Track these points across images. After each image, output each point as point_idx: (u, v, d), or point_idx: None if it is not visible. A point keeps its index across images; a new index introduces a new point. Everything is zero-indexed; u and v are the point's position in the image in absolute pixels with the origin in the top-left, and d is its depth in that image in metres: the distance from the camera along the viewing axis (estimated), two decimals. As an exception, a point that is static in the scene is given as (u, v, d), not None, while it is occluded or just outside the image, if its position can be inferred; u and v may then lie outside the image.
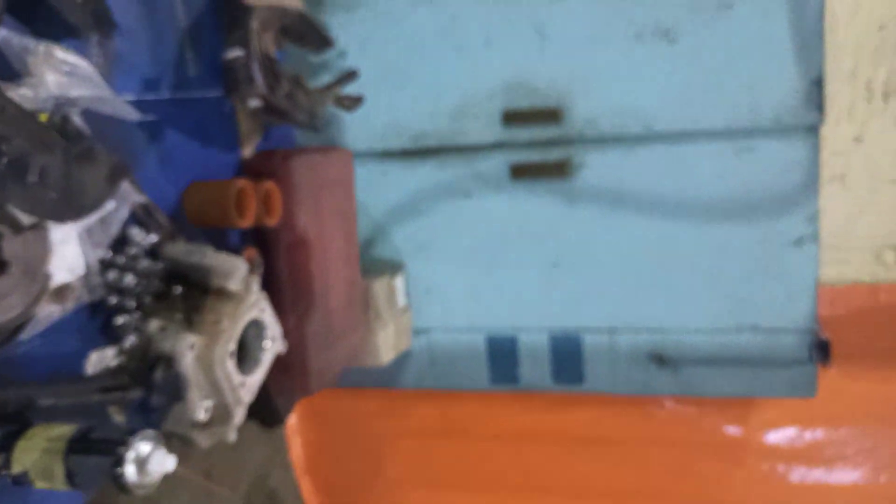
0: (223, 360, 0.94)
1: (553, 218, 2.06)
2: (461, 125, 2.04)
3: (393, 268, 2.14)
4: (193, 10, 1.15)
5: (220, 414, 0.98)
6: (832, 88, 2.50)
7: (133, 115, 0.90)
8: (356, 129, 2.09)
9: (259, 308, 1.05)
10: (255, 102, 1.04)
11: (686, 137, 1.94)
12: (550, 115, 1.97)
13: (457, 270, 2.15)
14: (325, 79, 1.78)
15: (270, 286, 1.21)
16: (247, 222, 1.11)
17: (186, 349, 0.92)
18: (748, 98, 1.88)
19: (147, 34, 1.03)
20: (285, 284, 1.28)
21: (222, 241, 1.20)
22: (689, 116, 1.91)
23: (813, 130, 1.87)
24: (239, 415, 1.01)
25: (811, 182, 1.91)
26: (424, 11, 2.01)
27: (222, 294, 1.00)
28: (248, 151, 1.30)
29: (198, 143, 1.15)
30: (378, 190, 2.14)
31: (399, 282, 2.12)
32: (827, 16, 2.40)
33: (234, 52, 1.03)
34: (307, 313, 1.31)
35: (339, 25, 2.04)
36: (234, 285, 0.99)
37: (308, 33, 1.38)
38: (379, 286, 1.99)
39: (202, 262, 0.98)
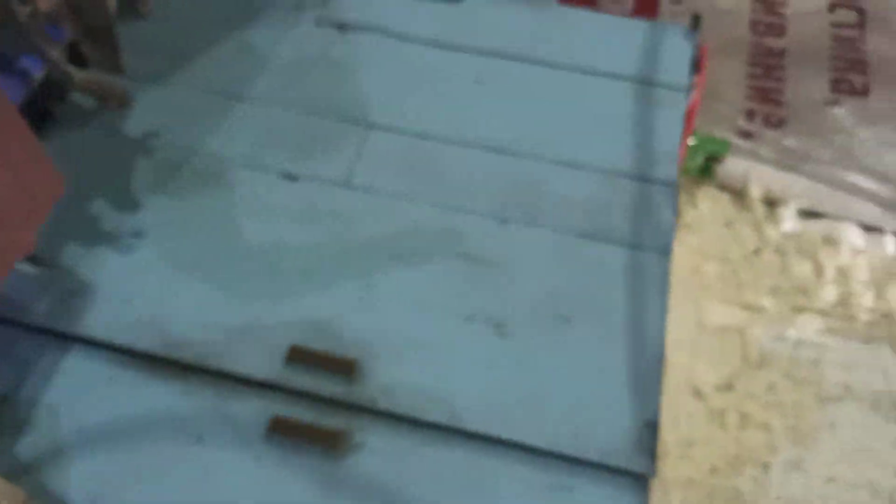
0: None
1: None
2: (236, 347, 1.61)
3: None
4: None
5: None
6: (661, 524, 2.19)
7: None
8: (102, 308, 1.63)
9: None
10: None
11: (495, 448, 1.53)
12: (344, 367, 1.58)
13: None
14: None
15: None
16: None
17: None
18: (573, 424, 1.56)
19: None
20: None
21: None
22: (503, 422, 1.55)
23: (642, 482, 1.51)
24: None
25: (636, 553, 1.45)
26: (254, 225, 1.79)
27: None
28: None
29: None
30: (87, 398, 1.56)
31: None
32: (658, 445, 2.25)
33: None
34: None
35: (150, 205, 1.79)
36: None
37: (103, 41, 1.13)
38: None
39: None
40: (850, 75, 2.89)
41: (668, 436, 2.28)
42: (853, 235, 2.49)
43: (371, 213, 1.83)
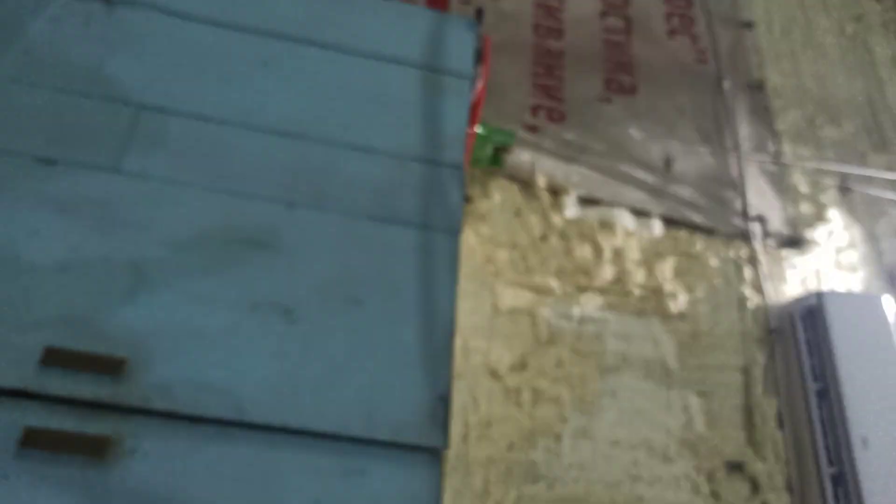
0: None
1: (60, 522, 1.30)
2: (-26, 353, 1.39)
3: None
4: None
5: None
6: (464, 504, 2.23)
7: None
8: None
9: None
10: None
11: (285, 439, 1.46)
12: (111, 366, 1.43)
13: None
14: None
15: None
16: None
17: None
18: (365, 406, 1.53)
19: None
20: None
21: None
22: (292, 410, 1.49)
23: (435, 456, 1.52)
24: None
25: (430, 528, 1.45)
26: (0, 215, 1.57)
27: None
28: None
29: None
30: None
31: None
32: (460, 426, 2.30)
33: None
34: None
35: None
36: None
37: None
38: None
39: None
40: (620, 75, 3.17)
41: (470, 418, 2.34)
42: (625, 219, 2.72)
43: (144, 200, 1.68)
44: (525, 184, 2.73)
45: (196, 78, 1.90)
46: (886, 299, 2.58)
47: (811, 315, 2.55)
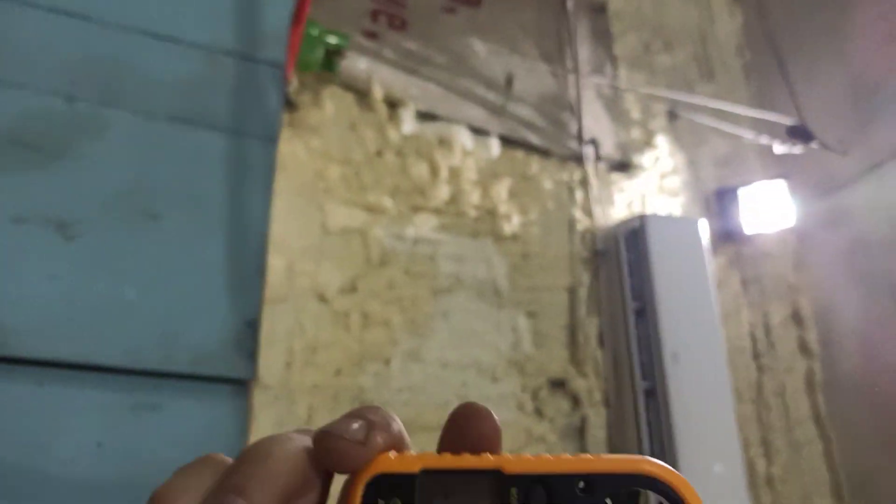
0: None
1: None
2: None
3: None
4: None
5: None
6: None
7: None
8: None
9: None
10: None
11: (61, 375, 1.25)
12: None
13: None
14: None
15: None
16: None
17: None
18: (160, 335, 1.35)
19: None
20: None
21: None
22: (71, 342, 1.28)
23: (240, 388, 1.38)
24: None
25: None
26: None
27: None
28: None
29: None
30: None
31: None
32: (283, 353, 2.15)
33: None
34: None
35: None
36: None
37: None
38: None
39: None
40: (465, -15, 3.01)
41: (295, 344, 2.20)
42: (464, 137, 2.63)
43: None
44: (361, 94, 2.54)
45: (-58, -67, 1.52)
46: (702, 223, 2.72)
47: (634, 237, 2.63)
